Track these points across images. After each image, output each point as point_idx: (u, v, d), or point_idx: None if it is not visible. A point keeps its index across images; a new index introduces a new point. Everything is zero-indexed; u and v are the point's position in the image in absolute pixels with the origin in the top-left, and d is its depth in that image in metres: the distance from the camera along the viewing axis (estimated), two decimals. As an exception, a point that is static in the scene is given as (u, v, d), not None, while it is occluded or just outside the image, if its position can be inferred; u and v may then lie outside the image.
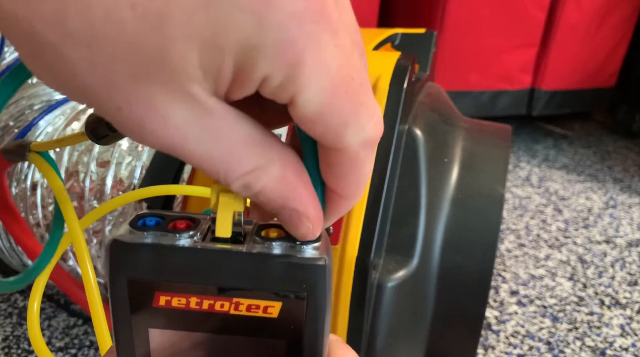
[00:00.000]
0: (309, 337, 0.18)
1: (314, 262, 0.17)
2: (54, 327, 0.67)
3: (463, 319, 0.48)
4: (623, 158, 1.38)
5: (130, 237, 0.17)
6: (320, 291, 0.18)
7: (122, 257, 0.17)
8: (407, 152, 0.45)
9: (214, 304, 0.18)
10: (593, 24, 1.32)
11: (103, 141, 0.26)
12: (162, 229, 0.18)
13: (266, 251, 0.18)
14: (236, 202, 0.18)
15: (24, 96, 0.65)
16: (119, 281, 0.17)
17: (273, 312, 0.18)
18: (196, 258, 0.17)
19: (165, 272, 0.17)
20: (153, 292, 0.18)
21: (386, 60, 0.46)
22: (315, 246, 0.18)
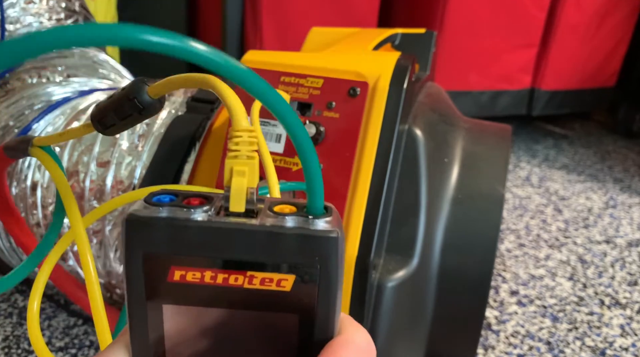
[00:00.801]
0: (321, 311, 0.18)
1: (326, 234, 0.18)
2: (54, 327, 0.67)
3: (463, 319, 0.48)
4: (623, 158, 1.38)
5: (145, 212, 0.18)
6: (333, 263, 0.18)
7: (137, 231, 0.17)
8: (407, 152, 0.45)
9: (228, 278, 0.18)
10: (593, 24, 1.32)
11: (109, 131, 0.26)
12: (176, 205, 0.18)
13: (279, 224, 0.18)
14: (249, 178, 0.18)
15: (24, 96, 0.65)
16: (135, 255, 0.18)
17: (286, 285, 0.18)
18: (210, 231, 0.17)
19: (180, 246, 0.18)
20: (168, 267, 0.18)
21: (386, 60, 0.46)
22: (327, 220, 0.18)
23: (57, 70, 0.70)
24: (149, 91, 0.24)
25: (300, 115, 0.44)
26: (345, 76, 0.44)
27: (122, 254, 0.18)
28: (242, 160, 0.18)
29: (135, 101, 0.24)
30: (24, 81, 0.68)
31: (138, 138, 0.57)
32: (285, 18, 1.16)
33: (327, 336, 0.19)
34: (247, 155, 0.19)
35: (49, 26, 0.77)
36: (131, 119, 0.25)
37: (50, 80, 0.68)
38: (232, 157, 0.19)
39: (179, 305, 0.18)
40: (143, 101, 0.24)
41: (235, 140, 0.19)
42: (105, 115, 0.25)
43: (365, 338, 0.20)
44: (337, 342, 0.19)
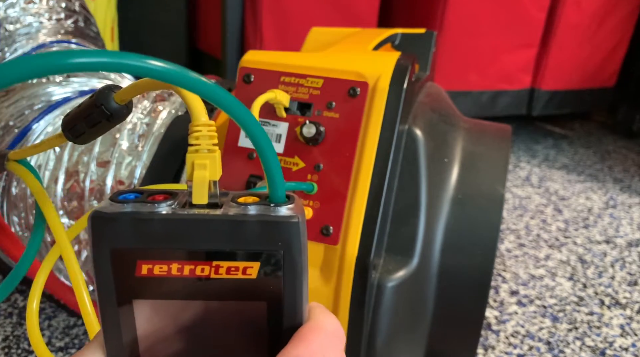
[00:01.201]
0: (288, 296, 0.19)
1: (287, 219, 0.18)
2: (54, 327, 0.67)
3: (463, 319, 0.48)
4: (623, 158, 1.38)
5: (110, 208, 0.18)
6: (296, 248, 0.18)
7: (103, 227, 0.18)
8: (407, 152, 0.45)
9: (194, 269, 0.18)
10: (593, 24, 1.32)
11: (80, 139, 0.26)
12: (141, 201, 0.18)
13: (241, 212, 0.18)
14: (211, 170, 0.19)
15: (24, 96, 0.65)
16: (102, 251, 0.18)
17: (252, 273, 0.18)
18: (174, 223, 0.18)
19: (146, 239, 0.18)
20: (135, 261, 0.18)
21: (386, 60, 0.46)
22: (289, 207, 0.19)
23: (57, 70, 0.69)
24: (116, 97, 0.24)
25: (300, 115, 0.44)
26: (345, 76, 0.44)
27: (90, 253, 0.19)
28: (203, 153, 0.19)
29: (103, 108, 0.24)
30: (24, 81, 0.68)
31: (138, 138, 0.57)
32: (285, 18, 1.16)
33: (296, 322, 0.19)
34: (207, 148, 0.19)
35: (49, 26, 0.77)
36: (100, 126, 0.25)
37: (50, 80, 0.68)
38: (192, 151, 0.19)
39: (148, 299, 0.19)
40: (110, 108, 0.24)
41: (195, 135, 0.19)
42: (75, 124, 0.26)
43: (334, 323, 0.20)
44: (307, 327, 0.19)
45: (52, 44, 0.74)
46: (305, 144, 0.43)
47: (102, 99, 0.24)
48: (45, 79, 0.69)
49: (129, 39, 1.33)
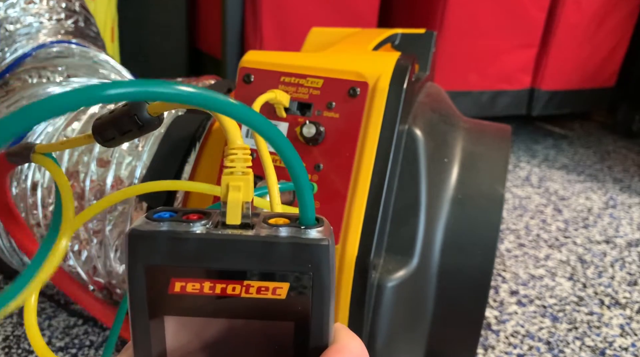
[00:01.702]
0: (315, 317, 0.19)
1: (317, 242, 0.19)
2: (54, 327, 0.68)
3: (463, 319, 0.48)
4: (623, 158, 1.39)
5: (146, 227, 0.19)
6: (325, 270, 0.19)
7: (139, 244, 0.18)
8: (407, 152, 0.45)
9: (225, 288, 0.19)
10: (593, 24, 1.32)
11: (109, 143, 0.27)
12: (176, 220, 0.19)
13: (273, 233, 0.19)
14: (244, 192, 0.19)
15: (24, 96, 0.66)
16: (137, 268, 0.18)
17: (281, 293, 0.19)
18: (208, 243, 0.18)
19: (180, 258, 0.18)
20: (169, 279, 0.19)
21: (386, 60, 0.46)
22: (319, 230, 0.19)
23: (58, 70, 0.70)
24: (149, 109, 0.25)
25: (300, 115, 0.44)
26: (345, 76, 0.44)
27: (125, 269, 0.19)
28: (237, 176, 0.20)
29: (136, 118, 0.25)
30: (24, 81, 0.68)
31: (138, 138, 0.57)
32: (285, 18, 1.16)
33: (322, 343, 0.20)
34: (242, 171, 0.20)
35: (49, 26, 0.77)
36: (130, 134, 0.26)
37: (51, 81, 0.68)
38: (228, 173, 0.20)
39: (180, 316, 0.19)
40: (143, 118, 0.25)
41: (230, 158, 0.20)
42: (106, 129, 0.27)
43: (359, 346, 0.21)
44: (333, 349, 0.20)
45: (52, 44, 0.74)
46: (305, 144, 0.43)
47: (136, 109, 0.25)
48: (45, 79, 0.69)
49: (129, 39, 1.33)
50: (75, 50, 0.74)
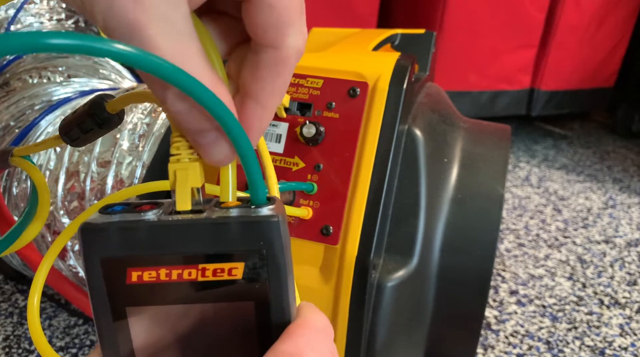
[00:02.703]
0: (274, 295, 0.19)
1: (267, 218, 0.19)
2: (55, 327, 0.68)
3: (463, 319, 0.48)
4: (622, 158, 1.39)
5: (98, 220, 0.19)
6: (278, 247, 0.19)
7: (92, 238, 0.18)
8: (407, 152, 0.45)
9: (182, 273, 0.19)
10: (592, 25, 1.32)
11: (75, 143, 0.28)
12: (128, 211, 0.19)
13: (223, 215, 0.19)
14: (193, 177, 0.20)
15: (25, 96, 0.66)
16: (93, 262, 0.19)
17: (237, 273, 0.19)
18: (160, 229, 0.18)
19: (133, 247, 0.18)
20: (125, 269, 0.19)
21: (386, 60, 0.46)
22: (269, 208, 0.19)
23: (58, 70, 0.70)
24: (107, 107, 0.26)
25: (300, 115, 0.44)
26: (345, 76, 0.44)
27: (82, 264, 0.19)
28: (184, 163, 0.20)
29: (95, 117, 0.26)
30: (24, 81, 0.68)
31: (139, 138, 0.57)
32: (285, 18, 1.16)
33: (284, 320, 0.20)
34: (188, 158, 0.20)
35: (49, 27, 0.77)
36: (93, 132, 0.27)
37: (51, 81, 0.68)
38: (174, 161, 0.20)
39: (141, 306, 0.19)
40: (102, 117, 0.26)
41: (176, 145, 0.20)
42: (71, 129, 0.27)
43: (322, 320, 0.21)
44: (294, 324, 0.20)
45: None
46: (305, 144, 0.43)
47: (94, 108, 0.26)
48: (46, 79, 0.69)
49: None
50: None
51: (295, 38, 0.19)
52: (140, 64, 0.16)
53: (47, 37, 0.14)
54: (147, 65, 0.16)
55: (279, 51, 0.19)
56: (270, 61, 0.19)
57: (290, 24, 0.19)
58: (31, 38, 0.14)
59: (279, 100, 0.20)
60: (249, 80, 0.20)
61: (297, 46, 0.19)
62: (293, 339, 0.19)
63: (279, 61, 0.19)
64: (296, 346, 0.19)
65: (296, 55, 0.19)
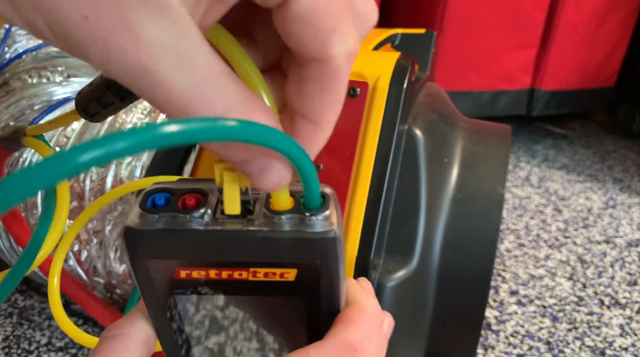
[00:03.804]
0: (324, 294, 0.19)
1: (323, 235, 0.18)
2: (54, 327, 0.68)
3: (463, 319, 0.48)
4: (623, 158, 1.39)
5: (141, 223, 0.18)
6: (332, 259, 0.18)
7: (136, 244, 0.18)
8: (407, 152, 0.45)
9: (232, 274, 0.18)
10: (593, 24, 1.32)
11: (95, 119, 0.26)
12: (172, 210, 0.18)
13: (276, 228, 0.18)
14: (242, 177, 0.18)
15: (24, 96, 0.65)
16: (139, 263, 0.18)
17: (289, 277, 0.18)
18: (208, 239, 0.18)
19: (181, 254, 0.18)
20: (173, 268, 0.18)
21: (386, 60, 0.46)
22: (325, 215, 0.18)
23: (58, 70, 0.70)
24: None
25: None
26: (345, 76, 0.44)
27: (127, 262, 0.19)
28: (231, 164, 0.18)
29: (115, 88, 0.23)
30: (24, 81, 0.68)
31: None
32: (285, 18, 1.16)
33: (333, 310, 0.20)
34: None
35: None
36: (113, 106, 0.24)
37: (51, 81, 0.68)
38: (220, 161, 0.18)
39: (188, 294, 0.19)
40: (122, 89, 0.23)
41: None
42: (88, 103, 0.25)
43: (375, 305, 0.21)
44: (353, 310, 0.20)
45: (52, 44, 0.74)
46: (305, 144, 0.43)
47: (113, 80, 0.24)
48: (45, 79, 0.69)
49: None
50: (75, 50, 0.74)
51: (342, 45, 0.16)
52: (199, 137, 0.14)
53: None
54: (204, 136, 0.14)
55: (324, 64, 0.16)
56: (316, 75, 0.17)
57: (332, 31, 0.15)
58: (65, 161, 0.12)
59: (334, 115, 0.18)
60: (295, 96, 0.17)
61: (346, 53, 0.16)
62: (353, 326, 0.19)
63: (326, 75, 0.17)
64: (357, 335, 0.19)
65: (346, 63, 0.17)
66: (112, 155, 0.12)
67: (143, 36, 0.13)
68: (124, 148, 0.12)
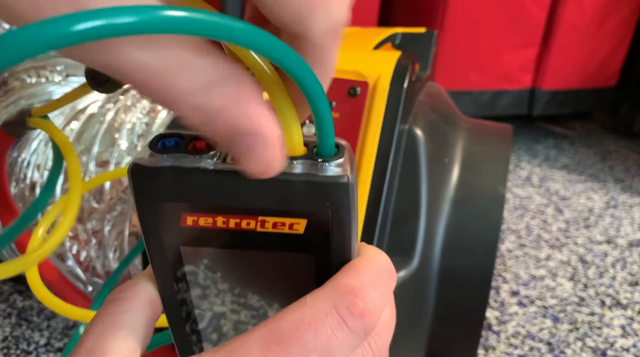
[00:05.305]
0: (335, 249, 0.18)
1: (336, 180, 0.17)
2: (53, 328, 0.67)
3: (463, 320, 0.48)
4: (624, 158, 1.38)
5: (150, 161, 0.17)
6: (344, 207, 0.17)
7: (144, 181, 0.17)
8: (408, 152, 0.45)
9: (240, 223, 0.18)
10: (594, 24, 1.31)
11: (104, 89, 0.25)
12: (182, 151, 0.17)
13: (287, 170, 0.17)
14: None
15: (23, 96, 0.65)
16: (145, 204, 0.17)
17: (299, 228, 0.18)
18: (218, 180, 0.17)
19: (189, 195, 0.17)
20: (180, 213, 0.17)
21: (386, 59, 0.46)
22: (338, 163, 0.17)
23: (56, 69, 0.69)
24: None
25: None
26: (345, 76, 0.44)
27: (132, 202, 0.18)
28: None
29: None
30: (23, 81, 0.68)
31: (137, 138, 0.57)
32: (286, 18, 1.16)
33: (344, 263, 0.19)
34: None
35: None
36: None
37: (50, 80, 0.68)
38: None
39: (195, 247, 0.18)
40: None
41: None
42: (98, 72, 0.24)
43: (386, 260, 0.19)
44: (359, 260, 0.19)
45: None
46: (305, 144, 0.43)
47: None
48: (44, 79, 0.68)
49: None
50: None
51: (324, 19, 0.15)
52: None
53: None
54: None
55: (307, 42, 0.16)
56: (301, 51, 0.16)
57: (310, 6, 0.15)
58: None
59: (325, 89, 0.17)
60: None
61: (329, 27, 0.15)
62: (356, 272, 0.18)
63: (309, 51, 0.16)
64: (358, 281, 0.18)
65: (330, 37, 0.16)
66: (112, 28, 0.11)
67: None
68: (126, 23, 0.12)
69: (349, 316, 0.17)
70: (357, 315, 0.17)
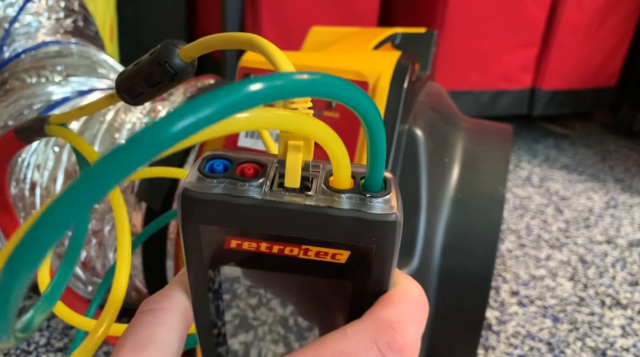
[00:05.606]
0: (374, 279, 0.18)
1: (384, 218, 0.17)
2: (53, 328, 0.67)
3: (463, 320, 0.48)
4: (624, 158, 1.38)
5: (199, 186, 0.17)
6: (390, 244, 0.17)
7: (192, 207, 0.17)
8: (408, 152, 0.45)
9: (283, 249, 0.18)
10: (594, 24, 1.31)
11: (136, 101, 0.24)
12: (230, 176, 0.17)
13: (335, 205, 0.17)
14: (305, 151, 0.18)
15: (23, 96, 0.65)
16: (191, 227, 0.18)
17: (341, 258, 0.18)
18: (265, 210, 0.17)
19: (235, 222, 0.17)
20: (224, 237, 0.18)
21: (386, 59, 0.46)
22: (385, 199, 0.17)
23: (56, 70, 0.69)
24: (180, 54, 0.22)
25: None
26: (345, 76, 0.44)
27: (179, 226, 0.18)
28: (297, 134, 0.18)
29: (167, 66, 0.22)
30: (23, 81, 0.68)
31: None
32: (285, 17, 1.16)
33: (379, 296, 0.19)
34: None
35: (48, 25, 0.77)
36: (162, 85, 0.23)
37: (50, 80, 0.68)
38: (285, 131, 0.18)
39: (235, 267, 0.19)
40: (175, 65, 0.22)
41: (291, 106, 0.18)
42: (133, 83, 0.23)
43: (420, 291, 0.20)
44: (394, 292, 0.19)
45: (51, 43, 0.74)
46: (305, 144, 0.43)
47: (165, 55, 0.22)
48: (44, 79, 0.68)
49: (128, 38, 1.33)
50: (74, 49, 0.73)
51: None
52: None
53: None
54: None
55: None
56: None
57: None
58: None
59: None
60: None
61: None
62: (393, 306, 0.18)
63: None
64: (397, 315, 0.18)
65: None
66: (203, 121, 0.12)
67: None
68: (213, 112, 0.12)
69: (389, 351, 0.17)
70: (396, 350, 0.17)
